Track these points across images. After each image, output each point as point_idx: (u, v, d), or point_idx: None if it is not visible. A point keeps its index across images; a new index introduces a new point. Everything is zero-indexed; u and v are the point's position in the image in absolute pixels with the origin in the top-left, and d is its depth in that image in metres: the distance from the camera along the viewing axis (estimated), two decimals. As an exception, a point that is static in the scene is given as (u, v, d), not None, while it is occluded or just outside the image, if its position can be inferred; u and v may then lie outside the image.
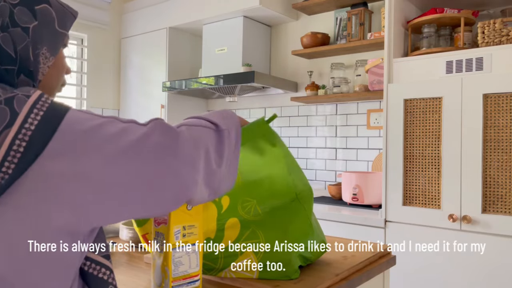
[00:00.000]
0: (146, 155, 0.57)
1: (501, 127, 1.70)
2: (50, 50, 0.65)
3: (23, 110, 0.51)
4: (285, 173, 0.94)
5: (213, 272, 0.91)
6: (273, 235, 0.90)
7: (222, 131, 0.72)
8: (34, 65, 0.63)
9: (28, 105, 0.52)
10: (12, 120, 0.50)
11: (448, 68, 1.86)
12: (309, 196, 0.96)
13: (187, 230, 0.78)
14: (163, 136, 0.60)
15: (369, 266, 1.03)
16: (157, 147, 0.58)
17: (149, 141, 0.58)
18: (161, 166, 0.58)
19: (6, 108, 0.51)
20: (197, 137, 0.66)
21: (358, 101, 2.66)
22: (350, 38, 2.53)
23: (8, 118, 0.50)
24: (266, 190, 0.91)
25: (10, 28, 0.60)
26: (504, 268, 1.67)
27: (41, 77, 0.65)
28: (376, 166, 2.51)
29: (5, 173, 0.49)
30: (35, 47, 0.63)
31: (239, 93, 3.01)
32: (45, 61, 0.65)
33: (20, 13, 0.61)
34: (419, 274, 1.87)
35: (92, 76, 3.44)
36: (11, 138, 0.49)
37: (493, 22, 1.80)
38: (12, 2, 0.61)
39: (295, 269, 0.90)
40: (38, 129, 0.51)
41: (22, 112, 0.51)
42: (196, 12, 3.02)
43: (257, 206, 0.90)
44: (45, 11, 0.64)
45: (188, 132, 0.64)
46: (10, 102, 0.52)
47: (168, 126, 0.62)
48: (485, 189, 1.73)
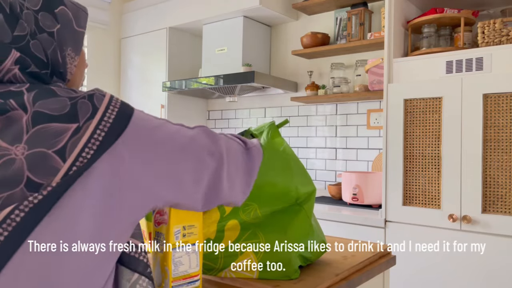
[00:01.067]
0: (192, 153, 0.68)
1: (501, 127, 1.70)
2: (75, 50, 0.70)
3: (102, 105, 0.59)
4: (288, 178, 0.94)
5: (213, 272, 0.91)
6: (273, 235, 0.90)
7: (250, 148, 0.86)
8: (63, 66, 0.68)
9: (105, 102, 0.60)
10: (94, 113, 0.58)
11: (448, 68, 1.86)
12: (311, 197, 0.96)
13: (187, 230, 0.78)
14: (207, 138, 0.72)
15: (369, 266, 1.03)
16: (201, 148, 0.70)
17: (196, 142, 0.69)
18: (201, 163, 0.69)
19: (88, 103, 0.59)
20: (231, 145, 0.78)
21: (358, 101, 2.66)
22: (350, 38, 2.53)
23: (91, 111, 0.58)
24: (267, 194, 0.91)
25: (38, 35, 0.64)
26: (504, 268, 1.67)
27: (69, 76, 0.71)
28: (376, 166, 2.51)
29: (84, 157, 0.55)
30: (62, 49, 0.67)
31: (239, 93, 3.01)
32: (71, 61, 0.70)
33: (44, 18, 0.65)
34: (419, 274, 1.87)
35: (92, 76, 3.44)
36: (93, 128, 0.57)
37: (493, 22, 1.80)
38: (34, 8, 0.65)
39: (295, 269, 0.90)
40: (115, 122, 0.59)
41: (101, 107, 0.59)
42: (196, 12, 3.02)
43: (257, 210, 0.90)
44: (63, 13, 0.68)
45: (226, 139, 0.78)
46: (91, 98, 0.59)
47: (210, 131, 0.75)
48: (485, 189, 1.73)
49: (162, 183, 0.63)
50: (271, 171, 0.92)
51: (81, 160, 0.55)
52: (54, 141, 0.54)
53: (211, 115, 3.46)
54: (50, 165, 0.53)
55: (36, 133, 0.55)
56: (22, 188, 0.52)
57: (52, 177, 0.53)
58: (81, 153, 0.55)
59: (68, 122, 0.56)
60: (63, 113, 0.56)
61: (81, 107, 0.58)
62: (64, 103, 0.57)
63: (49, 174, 0.53)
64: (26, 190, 0.52)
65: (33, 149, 0.54)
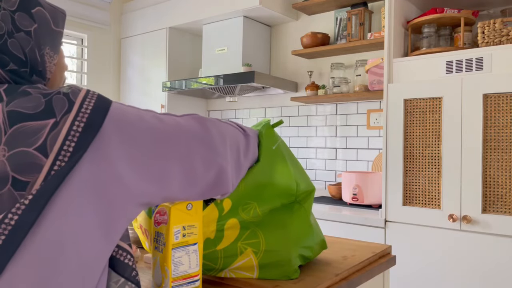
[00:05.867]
0: (179, 142, 0.66)
1: (501, 127, 1.70)
2: (53, 49, 0.71)
3: (78, 99, 0.59)
4: (286, 175, 0.94)
5: (213, 272, 0.91)
6: (272, 235, 0.90)
7: (248, 135, 0.85)
8: (42, 64, 0.68)
9: (81, 95, 0.60)
10: (70, 107, 0.58)
11: (448, 68, 1.86)
12: (310, 195, 0.96)
13: (187, 230, 0.78)
14: (197, 124, 0.71)
15: (369, 266, 1.03)
16: (190, 136, 0.68)
17: (183, 130, 0.68)
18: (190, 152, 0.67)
19: (64, 98, 0.59)
20: (224, 128, 0.77)
21: (358, 101, 2.66)
22: (350, 38, 2.53)
23: (67, 105, 0.58)
24: (267, 193, 0.91)
25: (15, 34, 0.65)
26: (504, 268, 1.67)
27: (49, 75, 0.71)
28: (376, 166, 2.51)
29: (66, 151, 0.55)
30: (40, 48, 0.68)
31: (239, 93, 3.01)
32: (50, 60, 0.70)
33: (21, 18, 0.66)
34: (419, 274, 1.86)
35: (92, 76, 3.44)
36: (71, 121, 0.57)
37: (493, 22, 1.80)
38: (11, 9, 0.65)
39: (295, 269, 0.90)
40: (93, 114, 0.58)
41: (77, 100, 0.59)
42: (196, 12, 3.02)
43: (257, 208, 0.90)
44: (40, 13, 0.69)
45: (218, 122, 0.76)
46: (66, 93, 0.60)
47: (201, 117, 0.73)
48: (485, 189, 1.73)
49: (147, 177, 0.61)
50: (268, 169, 0.92)
51: (63, 154, 0.55)
52: (33, 139, 0.55)
53: (211, 115, 3.46)
54: (33, 163, 0.54)
55: (14, 133, 0.55)
56: (9, 187, 0.53)
57: (37, 174, 0.53)
58: (62, 147, 0.55)
59: (45, 118, 0.56)
60: (39, 110, 0.57)
61: (57, 103, 0.58)
62: (38, 101, 0.58)
63: (33, 171, 0.53)
64: (14, 189, 0.52)
65: (13, 149, 0.54)
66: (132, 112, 0.63)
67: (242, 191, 0.90)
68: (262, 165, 0.92)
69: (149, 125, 0.63)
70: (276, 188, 0.91)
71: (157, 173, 0.62)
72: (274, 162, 0.93)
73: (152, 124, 0.63)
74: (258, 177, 0.91)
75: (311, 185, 0.97)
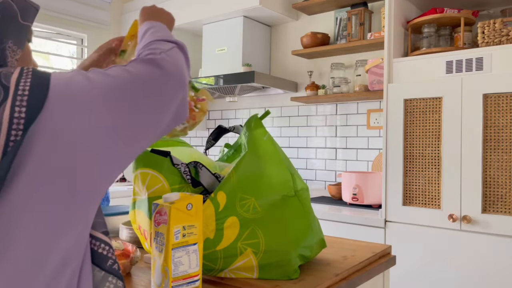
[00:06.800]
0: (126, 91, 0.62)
1: (501, 127, 1.70)
2: (17, 43, 0.66)
3: (12, 81, 0.55)
4: (282, 167, 0.94)
5: (213, 272, 0.91)
6: (272, 234, 0.89)
7: (181, 45, 0.79)
8: (2, 59, 0.64)
9: (15, 76, 0.56)
10: (6, 93, 0.54)
11: (448, 68, 1.86)
12: (306, 193, 0.97)
13: (187, 230, 0.78)
14: (146, 65, 0.67)
15: (369, 266, 1.03)
16: (142, 75, 0.64)
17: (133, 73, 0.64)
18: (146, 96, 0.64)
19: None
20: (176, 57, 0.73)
21: (358, 101, 2.66)
22: (350, 38, 2.53)
23: (2, 93, 0.54)
24: (263, 184, 0.90)
25: None
26: (504, 268, 1.67)
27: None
28: (376, 166, 2.51)
29: (14, 141, 0.52)
30: (1, 41, 0.64)
31: (239, 93, 3.01)
32: (12, 54, 0.65)
33: None
34: (419, 274, 1.86)
35: (92, 76, 3.44)
36: (9, 108, 0.53)
37: (493, 22, 1.80)
38: None
39: (295, 269, 0.90)
40: (32, 93, 0.54)
41: (11, 83, 0.55)
42: (196, 12, 3.02)
43: (255, 203, 0.89)
44: (6, 5, 0.65)
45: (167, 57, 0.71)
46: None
47: (148, 58, 0.69)
48: (485, 189, 1.73)
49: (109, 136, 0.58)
50: (261, 161, 0.92)
51: (12, 145, 0.52)
52: None
53: (211, 115, 3.46)
54: None
55: None
56: None
57: None
58: (9, 137, 0.52)
59: None
60: None
61: None
62: None
63: None
64: None
65: None
66: (77, 80, 0.59)
67: (234, 182, 0.89)
68: (253, 155, 0.92)
69: (96, 84, 0.60)
70: (272, 179, 0.91)
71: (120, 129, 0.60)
72: (266, 153, 0.93)
73: (99, 83, 0.60)
74: (250, 167, 0.90)
75: (304, 183, 0.98)
